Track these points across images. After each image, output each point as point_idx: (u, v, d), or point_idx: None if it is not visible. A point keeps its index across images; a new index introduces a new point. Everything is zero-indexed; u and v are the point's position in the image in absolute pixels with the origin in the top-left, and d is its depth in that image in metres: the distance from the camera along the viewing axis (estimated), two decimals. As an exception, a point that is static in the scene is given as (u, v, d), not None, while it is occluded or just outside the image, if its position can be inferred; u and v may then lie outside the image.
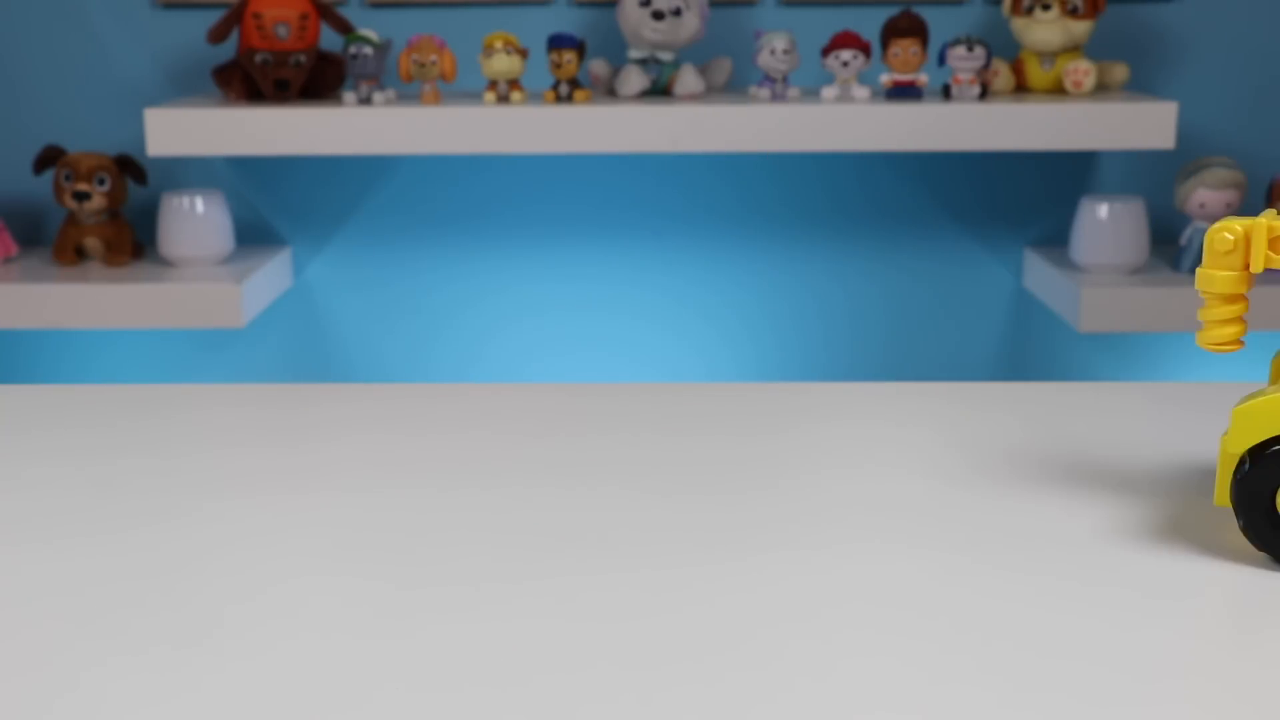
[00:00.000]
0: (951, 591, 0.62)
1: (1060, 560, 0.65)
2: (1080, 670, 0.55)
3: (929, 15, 1.80)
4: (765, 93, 1.73)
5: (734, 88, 1.85)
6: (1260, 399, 0.61)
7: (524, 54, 1.70)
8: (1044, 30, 1.74)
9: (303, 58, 1.72)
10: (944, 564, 0.65)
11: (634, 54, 1.75)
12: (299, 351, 1.96)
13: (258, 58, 1.71)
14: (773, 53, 1.71)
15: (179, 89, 1.88)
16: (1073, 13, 1.74)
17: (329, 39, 1.80)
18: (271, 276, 1.84)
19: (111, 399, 0.88)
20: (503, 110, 1.67)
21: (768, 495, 0.73)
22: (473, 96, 1.77)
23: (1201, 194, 1.72)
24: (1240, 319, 0.64)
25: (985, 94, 1.71)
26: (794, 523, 0.69)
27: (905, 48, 1.70)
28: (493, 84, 1.71)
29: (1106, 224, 1.75)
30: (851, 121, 1.67)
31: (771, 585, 0.63)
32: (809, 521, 0.69)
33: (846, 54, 1.71)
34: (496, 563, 0.65)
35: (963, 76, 1.70)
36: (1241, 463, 0.61)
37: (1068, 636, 0.58)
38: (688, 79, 1.75)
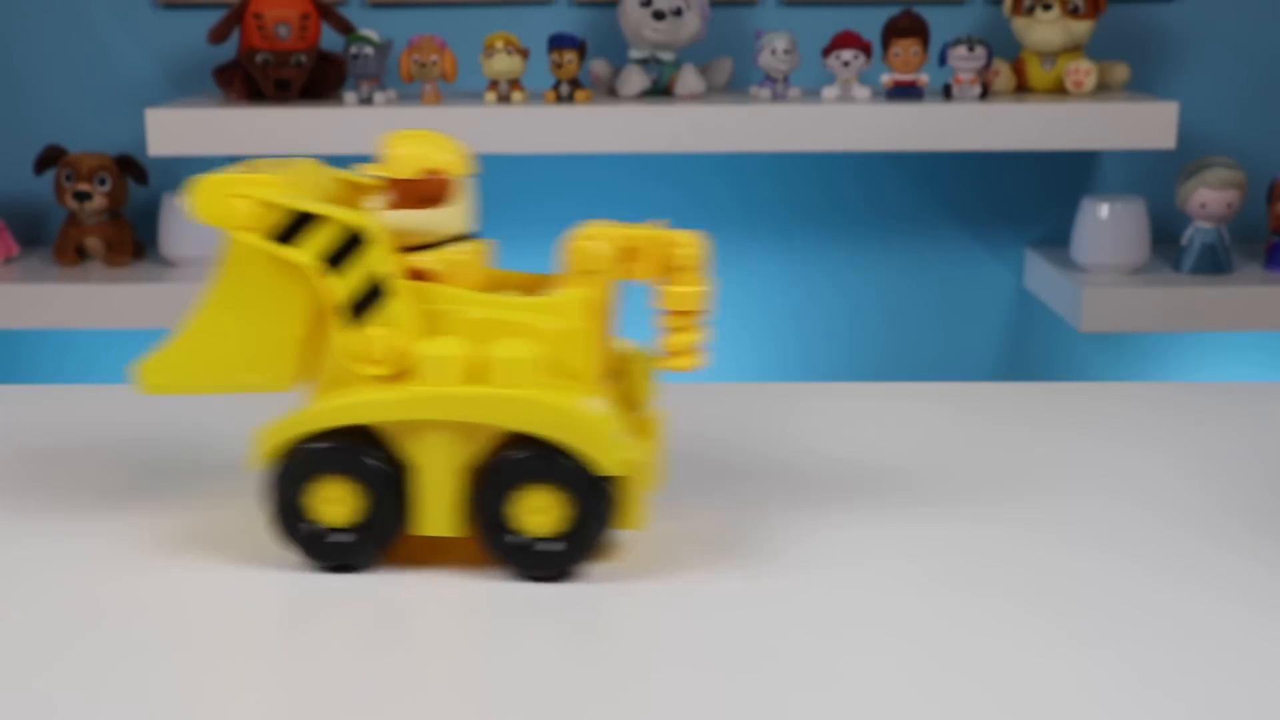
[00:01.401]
0: (951, 594, 0.62)
1: (1061, 561, 0.65)
2: (1079, 672, 0.55)
3: (929, 15, 1.80)
4: (766, 93, 1.73)
5: (735, 88, 1.84)
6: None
7: (525, 54, 1.70)
8: (1045, 30, 1.74)
9: (303, 58, 1.72)
10: (943, 565, 0.65)
11: (635, 54, 1.75)
12: (300, 351, 1.96)
13: (259, 58, 1.71)
14: (773, 53, 1.71)
15: (180, 89, 1.88)
16: (1074, 13, 1.73)
17: (330, 39, 1.80)
18: (272, 276, 1.84)
19: (112, 399, 0.88)
20: (503, 110, 1.67)
21: (767, 501, 0.73)
22: (473, 96, 1.77)
23: (1203, 194, 1.72)
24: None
25: (986, 94, 1.71)
26: (793, 527, 0.69)
27: (906, 48, 1.70)
28: (493, 84, 1.71)
29: (1107, 224, 1.75)
30: (852, 121, 1.67)
31: (771, 587, 0.63)
32: (810, 526, 0.69)
33: (847, 54, 1.71)
34: (494, 566, 0.65)
35: (963, 76, 1.70)
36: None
37: (1067, 637, 0.58)
38: (689, 79, 1.75)
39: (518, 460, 0.61)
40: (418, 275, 0.63)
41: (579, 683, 0.54)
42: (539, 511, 0.61)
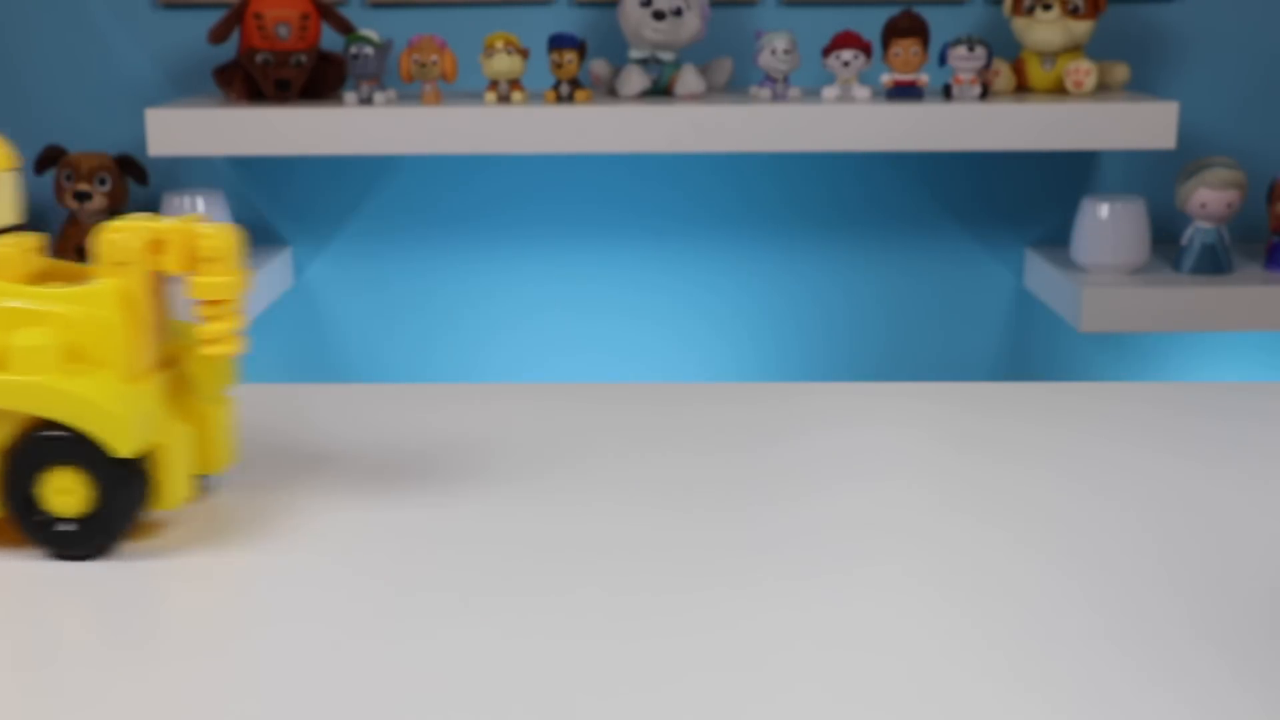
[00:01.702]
0: (951, 593, 0.62)
1: (1061, 559, 0.65)
2: (1083, 668, 0.55)
3: (930, 15, 1.80)
4: (766, 93, 1.73)
5: (735, 88, 1.84)
6: None
7: (525, 54, 1.70)
8: (1045, 30, 1.74)
9: (303, 58, 1.72)
10: (943, 565, 0.65)
11: (635, 54, 1.75)
12: (299, 352, 1.96)
13: (259, 58, 1.71)
14: (773, 53, 1.71)
15: (180, 89, 1.88)
16: (1074, 12, 1.74)
17: (330, 39, 1.80)
18: (272, 277, 1.84)
19: None
20: (503, 110, 1.67)
21: (767, 501, 0.73)
22: (473, 96, 1.77)
23: (1203, 194, 1.72)
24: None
25: (986, 94, 1.71)
26: (795, 529, 0.69)
27: (906, 48, 1.70)
28: (493, 84, 1.71)
29: (1107, 224, 1.75)
30: (852, 121, 1.67)
31: (770, 590, 0.63)
32: (810, 526, 0.69)
33: (847, 54, 1.71)
34: (493, 569, 0.65)
35: (963, 76, 1.70)
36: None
37: (1067, 634, 0.58)
38: (688, 79, 1.75)
39: (39, 443, 0.63)
40: None
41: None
42: (65, 492, 0.64)
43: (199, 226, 0.66)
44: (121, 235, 0.66)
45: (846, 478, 0.75)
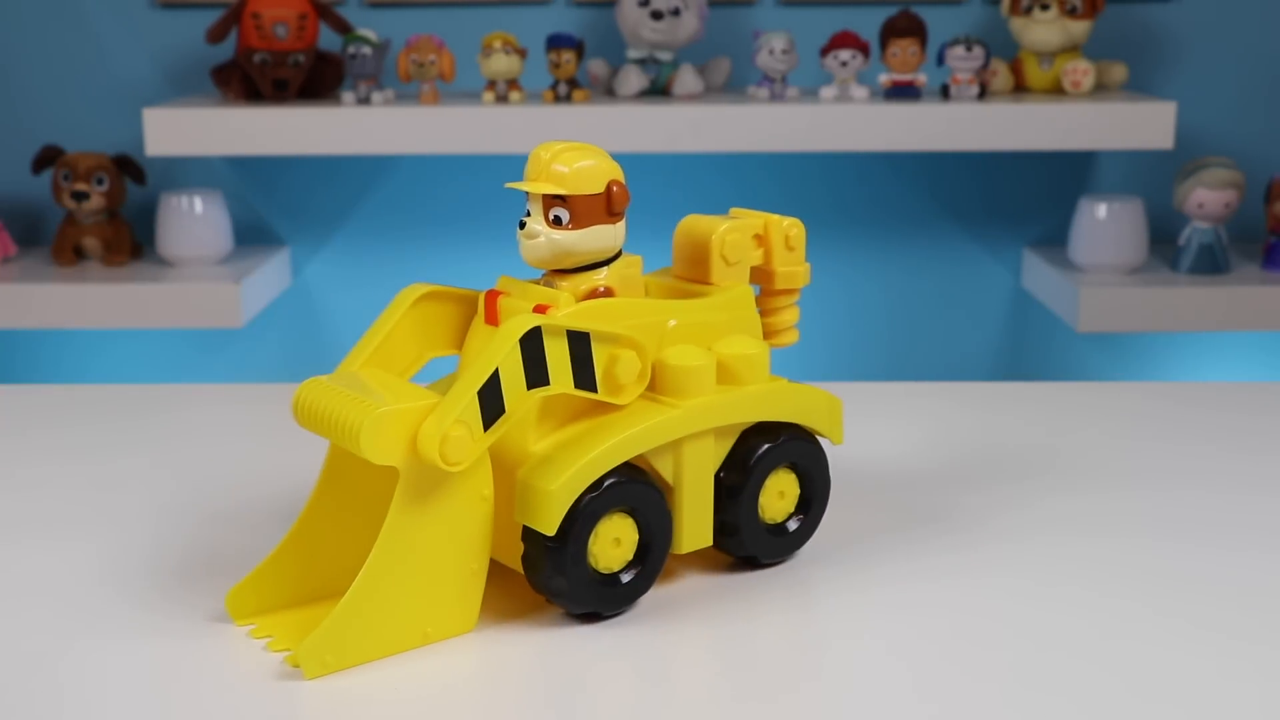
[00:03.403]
0: (950, 593, 0.62)
1: (1058, 558, 0.65)
2: (1083, 664, 0.55)
3: (928, 15, 1.80)
4: (764, 92, 1.73)
5: (733, 88, 1.84)
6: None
7: (523, 54, 1.70)
8: (1042, 30, 1.74)
9: (301, 58, 1.72)
10: (942, 564, 0.65)
11: (633, 54, 1.75)
12: (297, 351, 1.96)
13: (256, 57, 1.71)
14: (771, 53, 1.71)
15: (178, 89, 1.88)
16: (1071, 13, 1.74)
17: (328, 39, 1.80)
18: (270, 276, 1.84)
19: (111, 399, 0.88)
20: (501, 110, 1.67)
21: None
22: (471, 96, 1.77)
23: (1200, 194, 1.72)
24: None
25: (984, 94, 1.71)
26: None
27: (904, 47, 1.70)
28: (491, 84, 1.71)
29: (1105, 224, 1.75)
30: (850, 121, 1.67)
31: (768, 587, 0.63)
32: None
33: (845, 54, 1.71)
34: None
35: (961, 76, 1.70)
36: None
37: (1067, 634, 0.58)
38: (686, 79, 1.75)
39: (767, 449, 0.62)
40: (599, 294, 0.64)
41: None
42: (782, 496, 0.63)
43: (780, 218, 0.66)
44: (737, 235, 0.66)
45: (843, 476, 0.75)
